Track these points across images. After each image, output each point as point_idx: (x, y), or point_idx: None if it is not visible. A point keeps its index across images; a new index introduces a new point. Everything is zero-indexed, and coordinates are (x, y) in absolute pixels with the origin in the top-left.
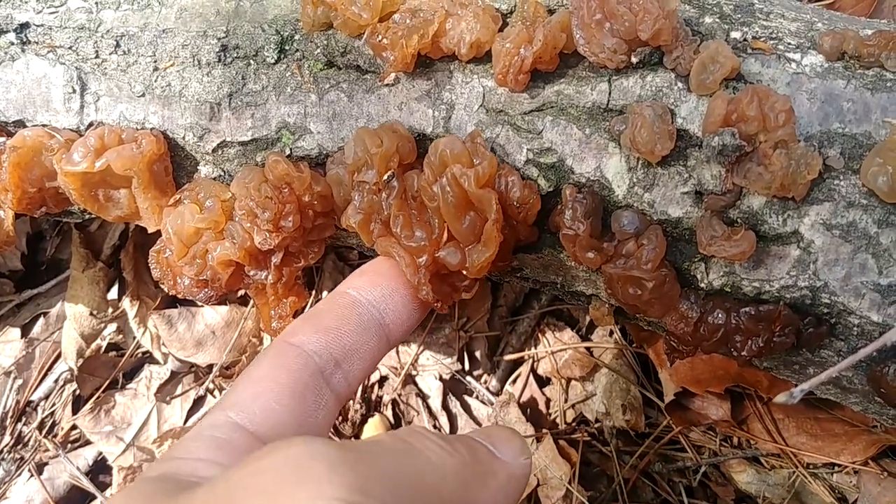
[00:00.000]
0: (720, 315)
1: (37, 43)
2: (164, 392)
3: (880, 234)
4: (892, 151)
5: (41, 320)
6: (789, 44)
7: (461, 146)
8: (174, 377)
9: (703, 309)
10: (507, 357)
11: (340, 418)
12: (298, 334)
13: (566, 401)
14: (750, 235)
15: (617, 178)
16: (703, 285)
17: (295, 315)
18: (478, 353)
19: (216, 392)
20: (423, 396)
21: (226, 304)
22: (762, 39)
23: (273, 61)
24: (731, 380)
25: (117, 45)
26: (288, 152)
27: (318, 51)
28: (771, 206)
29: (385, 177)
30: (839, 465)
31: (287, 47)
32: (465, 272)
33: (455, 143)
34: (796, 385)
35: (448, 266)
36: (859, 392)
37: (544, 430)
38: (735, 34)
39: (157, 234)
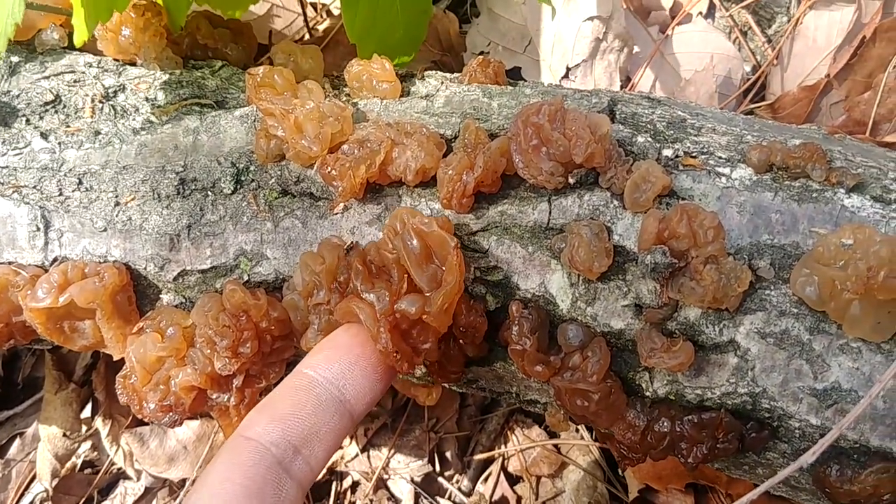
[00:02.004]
0: (665, 423)
1: (2, 184)
2: None
3: (813, 341)
4: (818, 262)
5: (17, 441)
6: (720, 157)
7: (419, 212)
8: (148, 493)
9: (649, 417)
10: (478, 456)
11: None
12: (254, 426)
13: (537, 498)
14: (688, 347)
15: (560, 293)
16: (648, 394)
17: None
18: (448, 454)
19: None
20: (396, 500)
21: (196, 419)
22: (693, 155)
23: (230, 192)
24: (691, 476)
25: (80, 183)
26: (246, 278)
27: (273, 181)
28: (707, 317)
29: (345, 248)
30: None
31: (243, 178)
32: (426, 318)
33: (413, 211)
34: (755, 485)
35: (407, 315)
36: (808, 490)
37: None
38: (667, 152)
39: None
